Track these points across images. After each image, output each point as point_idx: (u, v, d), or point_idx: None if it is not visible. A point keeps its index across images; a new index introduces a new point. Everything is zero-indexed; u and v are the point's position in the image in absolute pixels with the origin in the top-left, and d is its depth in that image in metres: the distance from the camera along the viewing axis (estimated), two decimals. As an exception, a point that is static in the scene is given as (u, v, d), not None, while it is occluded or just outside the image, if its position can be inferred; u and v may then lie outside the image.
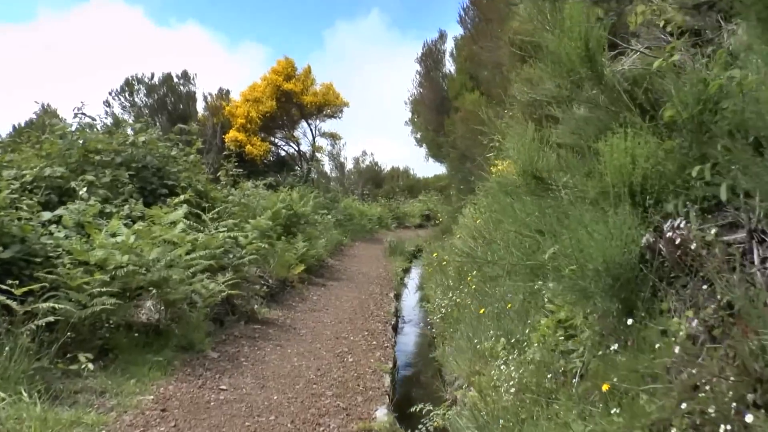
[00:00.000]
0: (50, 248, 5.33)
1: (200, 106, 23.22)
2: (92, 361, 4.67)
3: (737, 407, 2.18)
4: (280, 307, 8.35)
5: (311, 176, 23.92)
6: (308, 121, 24.47)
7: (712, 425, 2.25)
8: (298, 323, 7.60)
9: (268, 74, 22.79)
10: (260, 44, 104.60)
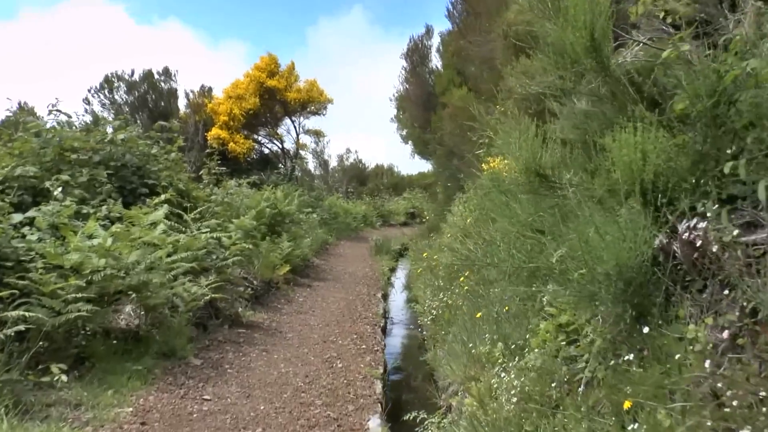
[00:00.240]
0: (22, 252, 5.02)
1: (182, 103, 22.78)
2: (67, 371, 4.40)
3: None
4: (265, 309, 8.09)
5: (295, 174, 23.59)
6: (292, 118, 24.13)
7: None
8: (284, 326, 7.35)
9: (250, 71, 22.40)
10: (243, 42, 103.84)
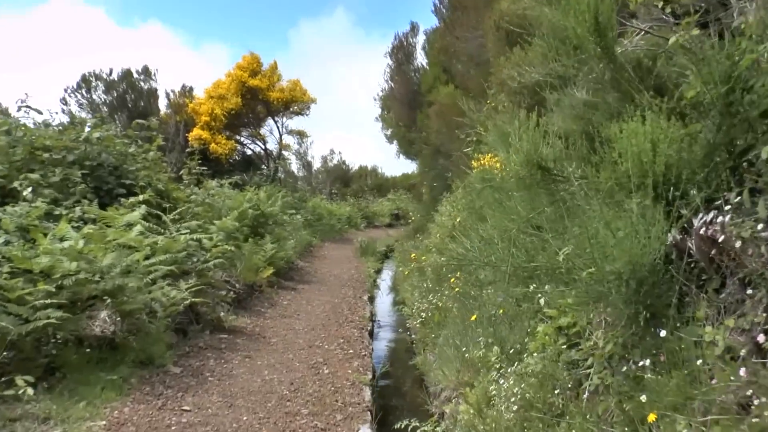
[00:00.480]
0: (-13, 255, 4.72)
1: (163, 103, 22.35)
2: (35, 382, 4.11)
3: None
4: (248, 313, 7.80)
5: (278, 175, 23.24)
6: (275, 118, 23.82)
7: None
8: (268, 331, 7.07)
9: (232, 70, 22.04)
10: (224, 44, 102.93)
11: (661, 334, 2.52)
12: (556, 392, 3.38)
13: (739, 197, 2.46)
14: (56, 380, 4.49)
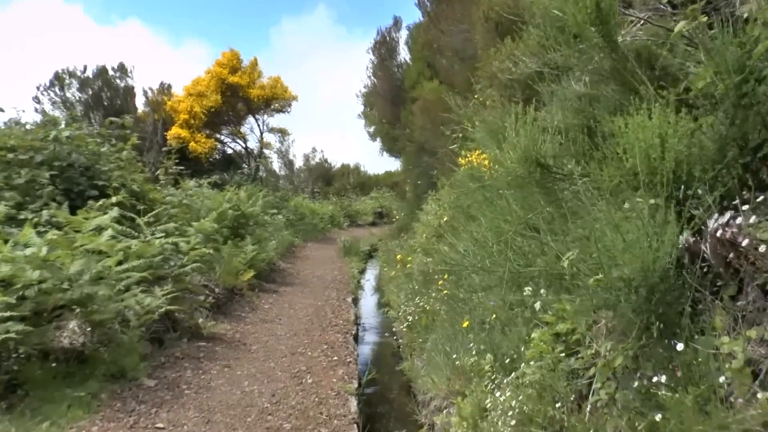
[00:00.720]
0: (-59, 264, 4.38)
1: (140, 101, 21.85)
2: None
3: None
4: (228, 319, 7.49)
5: (260, 174, 22.86)
6: (255, 116, 23.43)
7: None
8: (248, 337, 6.77)
9: (212, 67, 21.61)
10: (205, 42, 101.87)
11: (678, 347, 2.28)
12: (557, 405, 3.15)
13: (762, 196, 2.24)
14: (18, 398, 4.17)
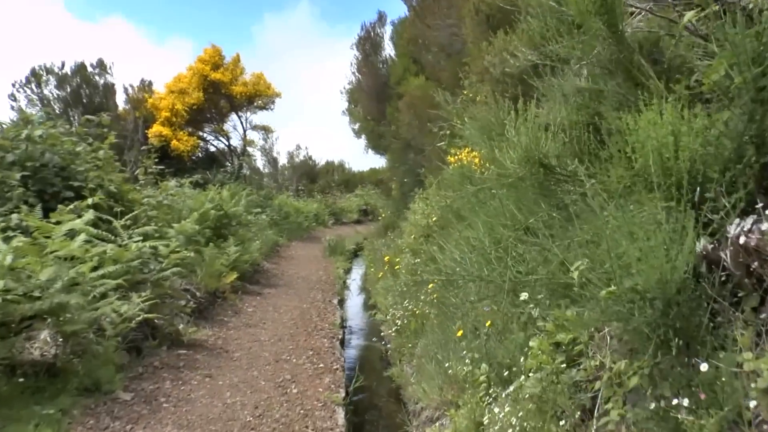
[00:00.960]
0: None
1: (121, 99, 21.32)
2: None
3: None
4: (210, 324, 7.21)
5: (243, 172, 22.47)
6: (238, 113, 23.03)
7: None
8: (231, 344, 6.50)
9: (194, 64, 21.18)
10: (188, 39, 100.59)
11: (702, 367, 2.08)
12: (561, 424, 2.94)
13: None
14: (-19, 417, 3.89)
